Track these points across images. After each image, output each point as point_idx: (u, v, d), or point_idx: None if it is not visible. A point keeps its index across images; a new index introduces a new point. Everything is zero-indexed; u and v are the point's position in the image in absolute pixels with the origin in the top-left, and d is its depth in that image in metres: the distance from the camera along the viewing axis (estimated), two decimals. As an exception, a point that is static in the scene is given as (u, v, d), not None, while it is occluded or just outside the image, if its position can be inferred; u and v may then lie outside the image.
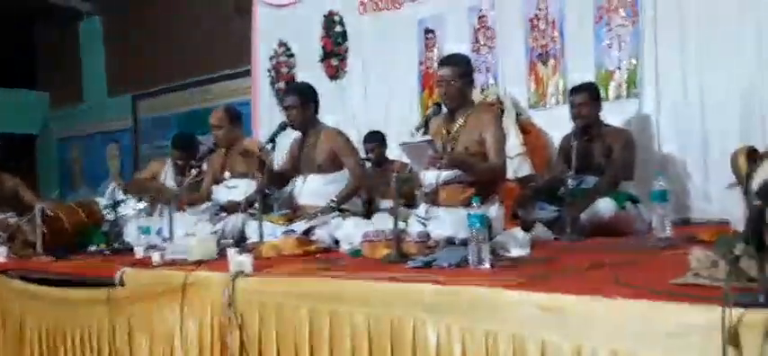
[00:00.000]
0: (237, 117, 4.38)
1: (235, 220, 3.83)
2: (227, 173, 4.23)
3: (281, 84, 6.17)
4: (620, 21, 4.55)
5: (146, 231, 3.59)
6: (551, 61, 4.87)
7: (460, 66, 3.16)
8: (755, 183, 1.56)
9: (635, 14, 4.48)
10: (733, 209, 3.32)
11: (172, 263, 3.08)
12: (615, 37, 4.58)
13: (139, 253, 3.34)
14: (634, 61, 4.50)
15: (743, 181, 1.80)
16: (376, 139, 4.88)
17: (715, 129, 4.17)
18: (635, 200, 3.79)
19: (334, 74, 5.87)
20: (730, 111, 4.10)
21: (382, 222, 2.96)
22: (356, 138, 5.31)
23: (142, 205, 4.25)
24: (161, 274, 2.93)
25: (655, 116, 4.42)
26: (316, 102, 3.82)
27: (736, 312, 1.41)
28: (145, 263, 3.13)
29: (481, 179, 3.06)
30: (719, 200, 4.02)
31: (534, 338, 1.74)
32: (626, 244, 2.97)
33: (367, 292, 2.17)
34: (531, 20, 4.96)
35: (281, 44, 6.25)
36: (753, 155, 1.87)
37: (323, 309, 2.25)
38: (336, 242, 3.36)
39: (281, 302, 2.40)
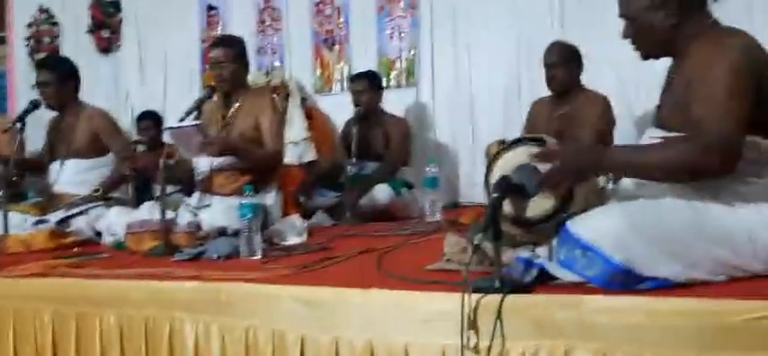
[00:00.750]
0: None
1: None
2: (-35, 157, 3.65)
3: (43, 55, 5.51)
4: (400, 12, 4.73)
5: None
6: (337, 47, 4.92)
7: (234, 48, 3.03)
8: (493, 177, 1.67)
9: (413, 6, 4.68)
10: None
11: None
12: (396, 27, 4.75)
13: None
14: (413, 52, 4.71)
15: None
16: (150, 120, 4.55)
17: (482, 119, 4.51)
18: (410, 186, 3.97)
19: (106, 47, 5.36)
20: (495, 104, 4.46)
21: (149, 212, 2.75)
22: (130, 119, 4.95)
23: None
24: None
25: (431, 105, 4.67)
26: (75, 79, 3.44)
27: (475, 297, 1.51)
28: None
29: (257, 165, 2.97)
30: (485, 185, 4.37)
31: (294, 332, 1.72)
32: (399, 229, 3.08)
33: (119, 292, 2.01)
34: (317, 4, 4.96)
35: (42, 10, 5.57)
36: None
37: (69, 312, 2.03)
38: (98, 234, 3.07)
39: (19, 306, 2.13)
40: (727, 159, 1.47)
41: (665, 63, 1.77)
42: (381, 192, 3.80)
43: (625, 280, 1.47)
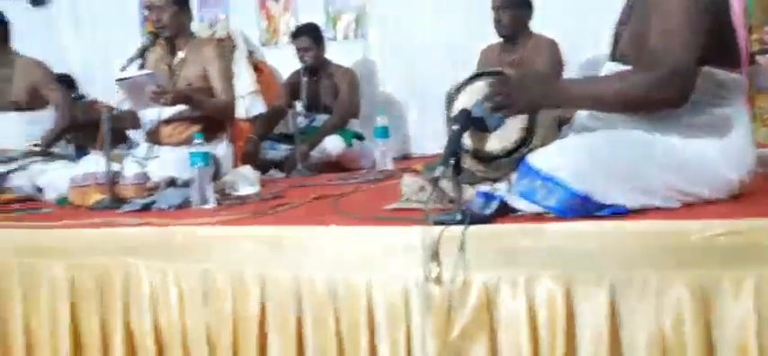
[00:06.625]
0: None
1: None
2: None
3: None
4: (348, -38, 4.64)
5: None
6: (282, -1, 4.81)
7: (173, -10, 2.89)
8: (454, 110, 1.67)
9: (362, -43, 4.59)
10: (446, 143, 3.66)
11: None
12: (343, -23, 4.66)
13: None
14: (361, 3, 4.63)
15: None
16: (62, 83, 4.32)
17: (431, 71, 4.49)
18: (360, 137, 3.95)
19: (39, -1, 5.11)
20: (444, 55, 4.45)
21: (93, 164, 2.65)
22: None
23: None
24: None
25: (379, 56, 4.63)
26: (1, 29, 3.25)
27: (437, 230, 1.51)
28: None
29: (210, 115, 2.89)
30: (434, 136, 4.39)
31: (253, 272, 1.69)
32: (351, 178, 3.07)
33: (66, 241, 1.93)
34: (261, -47, 4.82)
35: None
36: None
37: (11, 264, 1.94)
38: (40, 190, 2.95)
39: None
40: (681, 91, 1.50)
41: (609, 6, 1.79)
42: (332, 144, 3.79)
43: (584, 208, 1.49)
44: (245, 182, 2.91)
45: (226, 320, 1.70)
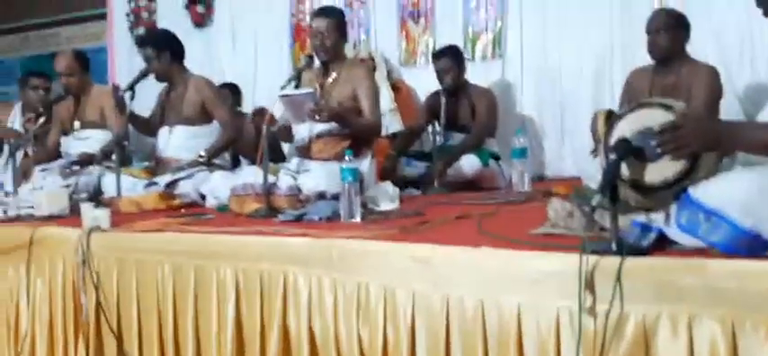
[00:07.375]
0: (87, 62, 4.00)
1: (89, 174, 3.55)
2: (77, 124, 3.89)
3: (142, 31, 5.77)
4: (487, -17, 4.68)
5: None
6: (422, 20, 4.93)
7: (335, 19, 3.09)
8: (612, 140, 1.66)
9: (500, -23, 4.62)
10: (584, 167, 3.58)
11: (17, 219, 2.83)
12: (482, -1, 4.70)
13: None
14: (500, 24, 4.65)
15: (600, 139, 1.91)
16: (228, 90, 4.66)
17: (570, 93, 4.44)
18: (497, 157, 3.96)
19: (201, 21, 5.56)
20: (584, 77, 4.38)
21: (250, 176, 2.86)
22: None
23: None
24: (3, 230, 2.67)
25: (518, 77, 4.62)
26: (174, 50, 3.59)
27: (592, 259, 1.50)
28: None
29: (358, 133, 3.04)
30: (573, 158, 4.33)
31: (404, 287, 1.76)
32: (489, 198, 3.09)
33: (234, 246, 2.11)
34: (403, -23, 4.98)
35: (141, -15, 5.83)
36: (610, 117, 1.99)
37: (187, 264, 2.15)
38: (203, 197, 3.22)
39: (141, 258, 2.27)
40: None
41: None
42: (469, 163, 3.83)
43: (752, 246, 1.42)
44: (386, 197, 3.02)
45: (377, 331, 1.78)
